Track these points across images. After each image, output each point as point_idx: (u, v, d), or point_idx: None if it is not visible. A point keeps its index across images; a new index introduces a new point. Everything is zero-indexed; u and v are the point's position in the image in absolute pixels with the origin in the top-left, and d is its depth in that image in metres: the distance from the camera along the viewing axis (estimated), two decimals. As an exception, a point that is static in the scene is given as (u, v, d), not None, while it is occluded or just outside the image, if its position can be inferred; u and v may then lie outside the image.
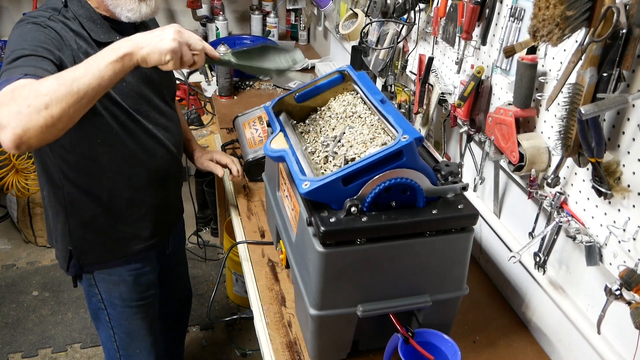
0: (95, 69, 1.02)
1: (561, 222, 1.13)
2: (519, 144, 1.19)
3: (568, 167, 1.13)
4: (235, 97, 2.48)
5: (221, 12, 3.01)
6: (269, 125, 1.35)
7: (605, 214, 1.03)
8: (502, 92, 1.31)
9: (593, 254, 1.06)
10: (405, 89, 1.77)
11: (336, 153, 1.15)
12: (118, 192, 1.42)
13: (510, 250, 1.35)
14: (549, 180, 1.14)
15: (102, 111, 1.30)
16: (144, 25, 1.44)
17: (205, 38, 3.05)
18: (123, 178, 1.41)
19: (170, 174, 1.54)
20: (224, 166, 1.71)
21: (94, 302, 1.57)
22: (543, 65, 1.17)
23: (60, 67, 1.18)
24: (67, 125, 1.02)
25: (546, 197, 1.17)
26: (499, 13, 1.30)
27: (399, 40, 1.77)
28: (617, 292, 0.97)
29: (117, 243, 1.48)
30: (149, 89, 1.41)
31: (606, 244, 1.04)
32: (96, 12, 1.32)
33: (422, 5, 1.68)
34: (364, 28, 1.94)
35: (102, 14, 1.32)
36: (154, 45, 1.05)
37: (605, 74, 0.91)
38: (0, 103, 0.98)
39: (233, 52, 1.24)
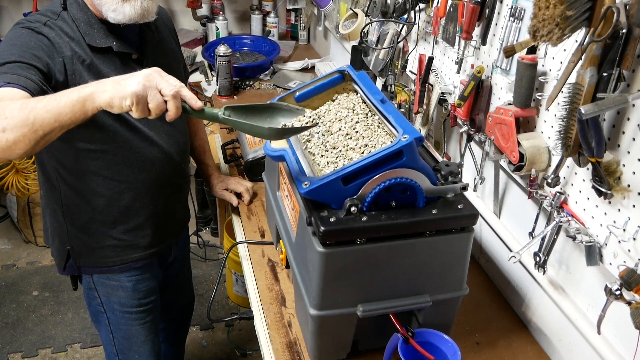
0: (55, 103, 0.97)
1: (561, 222, 1.13)
2: (519, 143, 1.19)
3: (568, 166, 1.13)
4: (235, 97, 2.47)
5: (221, 12, 3.01)
6: (268, 125, 1.34)
7: (605, 213, 1.03)
8: (502, 92, 1.31)
9: (593, 254, 1.06)
10: (405, 88, 1.77)
11: (334, 149, 1.15)
12: (115, 199, 1.40)
13: (510, 250, 1.35)
14: (549, 180, 1.14)
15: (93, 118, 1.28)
16: (150, 29, 1.41)
17: (206, 38, 3.05)
18: (120, 185, 1.39)
19: (172, 182, 1.51)
20: (239, 195, 1.74)
21: (93, 305, 1.57)
22: (543, 65, 1.17)
23: (47, 74, 1.18)
24: (28, 151, 0.99)
25: (546, 197, 1.17)
26: (499, 13, 1.30)
27: (399, 40, 1.77)
28: (617, 292, 0.97)
29: (114, 250, 1.46)
30: None
31: (606, 244, 1.04)
32: (94, 16, 1.30)
33: (422, 5, 1.68)
34: (364, 28, 1.94)
35: (98, 17, 1.30)
36: (116, 89, 0.96)
37: (605, 74, 0.91)
38: None
39: (230, 106, 1.06)
